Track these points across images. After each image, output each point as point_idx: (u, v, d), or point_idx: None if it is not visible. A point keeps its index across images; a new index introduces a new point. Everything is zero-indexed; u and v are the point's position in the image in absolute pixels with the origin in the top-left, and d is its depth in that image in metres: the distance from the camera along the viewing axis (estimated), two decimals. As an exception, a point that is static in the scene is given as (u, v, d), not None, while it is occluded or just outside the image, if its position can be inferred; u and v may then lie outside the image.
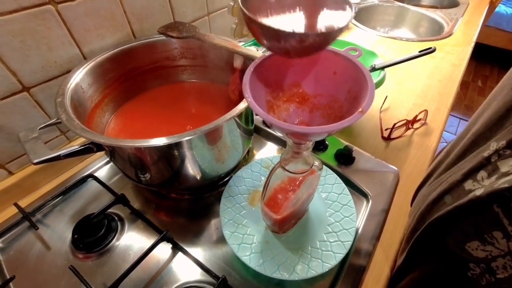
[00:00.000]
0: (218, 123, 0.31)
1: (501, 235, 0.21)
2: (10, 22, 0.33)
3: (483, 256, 0.23)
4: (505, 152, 0.22)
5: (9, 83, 0.36)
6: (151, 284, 0.35)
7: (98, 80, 0.42)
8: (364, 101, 0.19)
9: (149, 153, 0.33)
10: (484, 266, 0.23)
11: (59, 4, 0.37)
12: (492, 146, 0.23)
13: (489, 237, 0.22)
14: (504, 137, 0.23)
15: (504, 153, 0.22)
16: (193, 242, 0.39)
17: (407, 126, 0.55)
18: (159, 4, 0.49)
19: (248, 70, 0.23)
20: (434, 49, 0.44)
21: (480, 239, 0.23)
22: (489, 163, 0.23)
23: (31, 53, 0.37)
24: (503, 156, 0.22)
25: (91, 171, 0.47)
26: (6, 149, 0.40)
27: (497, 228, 0.22)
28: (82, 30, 0.41)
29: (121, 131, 0.44)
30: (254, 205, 0.40)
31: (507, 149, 0.22)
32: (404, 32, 1.15)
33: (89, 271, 0.35)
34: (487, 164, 0.23)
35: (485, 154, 0.24)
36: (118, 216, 0.41)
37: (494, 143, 0.23)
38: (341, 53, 0.23)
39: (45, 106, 0.41)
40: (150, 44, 0.47)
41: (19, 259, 0.37)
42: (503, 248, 0.21)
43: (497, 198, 0.21)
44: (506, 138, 0.22)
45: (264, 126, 0.54)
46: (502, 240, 0.21)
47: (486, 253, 0.23)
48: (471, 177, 0.25)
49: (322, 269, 0.33)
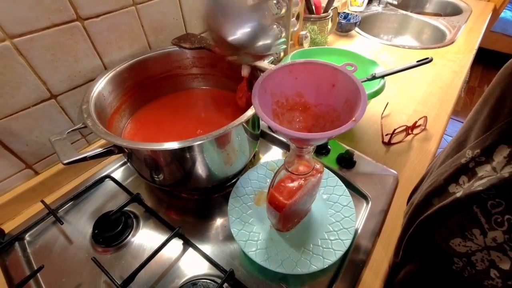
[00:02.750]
0: (228, 128, 0.34)
1: (479, 231, 0.24)
2: (43, 38, 0.37)
3: (464, 251, 0.26)
4: (480, 159, 0.25)
5: (39, 91, 0.40)
6: (164, 277, 0.38)
7: (117, 88, 0.46)
8: (358, 111, 0.22)
9: (164, 155, 0.37)
10: (465, 260, 0.26)
11: (85, 20, 0.41)
12: (468, 153, 0.26)
13: (469, 234, 0.25)
14: (478, 145, 0.25)
15: (480, 160, 0.25)
16: (202, 239, 0.41)
17: (407, 132, 0.57)
18: (173, 18, 0.53)
19: (256, 83, 0.26)
20: (431, 59, 0.47)
21: (462, 236, 0.26)
22: (468, 169, 0.26)
23: (60, 64, 0.41)
24: (479, 162, 0.25)
25: (108, 172, 0.51)
26: (34, 150, 0.44)
27: (476, 226, 0.24)
28: (104, 43, 0.44)
29: (136, 134, 0.48)
30: (260, 205, 0.43)
31: (482, 156, 0.25)
32: (407, 39, 1.17)
33: (108, 264, 0.38)
34: (467, 170, 0.26)
35: (462, 161, 0.27)
36: (133, 214, 0.45)
37: (469, 151, 0.26)
38: (339, 69, 0.26)
39: (69, 112, 0.45)
40: (164, 55, 0.51)
41: (44, 251, 0.40)
42: (481, 243, 0.24)
43: (475, 199, 0.24)
44: (480, 147, 0.25)
45: (270, 131, 0.57)
46: (480, 237, 0.24)
47: (467, 248, 0.25)
48: (454, 181, 0.28)
49: (323, 264, 0.35)
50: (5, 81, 0.37)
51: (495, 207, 0.23)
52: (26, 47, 0.37)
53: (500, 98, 0.25)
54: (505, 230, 0.22)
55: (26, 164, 0.44)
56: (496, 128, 0.24)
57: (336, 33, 0.98)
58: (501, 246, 0.23)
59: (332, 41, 0.94)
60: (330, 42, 0.93)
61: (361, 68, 0.57)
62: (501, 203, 0.22)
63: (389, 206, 0.45)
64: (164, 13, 0.51)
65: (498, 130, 0.24)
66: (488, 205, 0.23)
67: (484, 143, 0.25)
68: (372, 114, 0.63)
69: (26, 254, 0.40)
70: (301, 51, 0.64)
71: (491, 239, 0.23)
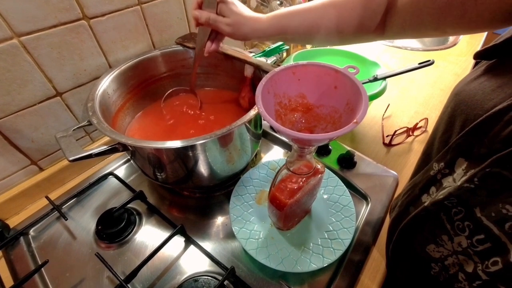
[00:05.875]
0: (231, 128, 0.35)
1: (447, 237, 0.26)
2: (50, 36, 0.38)
3: (438, 256, 0.27)
4: (445, 171, 0.27)
5: (45, 89, 0.41)
6: (166, 273, 0.38)
7: (121, 87, 0.46)
8: (359, 113, 0.23)
9: (167, 153, 0.37)
10: (440, 264, 0.27)
11: (91, 19, 0.41)
12: (434, 166, 0.28)
13: (440, 240, 0.27)
14: (442, 159, 0.27)
15: (445, 172, 0.27)
16: (204, 236, 0.42)
17: (407, 133, 0.58)
18: (177, 17, 0.53)
19: (260, 84, 0.26)
20: (433, 61, 0.47)
21: (434, 242, 0.27)
22: (436, 181, 0.28)
23: (66, 63, 0.41)
24: (444, 174, 0.27)
25: (111, 169, 0.51)
26: (39, 147, 0.44)
27: (444, 232, 0.26)
28: (109, 42, 0.45)
29: (140, 133, 0.49)
30: (261, 204, 0.43)
31: (446, 168, 0.26)
32: (409, 41, 1.17)
33: (111, 260, 0.39)
34: (436, 181, 0.28)
35: (431, 173, 0.28)
36: (136, 210, 0.45)
37: (436, 164, 0.28)
38: (341, 71, 0.26)
39: (74, 109, 0.46)
40: (168, 54, 0.52)
41: (49, 246, 0.41)
42: (450, 248, 0.26)
43: (441, 207, 0.26)
44: (444, 160, 0.27)
45: (271, 131, 0.57)
46: (448, 242, 0.26)
47: (440, 253, 0.27)
48: (426, 191, 0.29)
49: (323, 263, 0.36)
50: (12, 78, 0.37)
51: (457, 214, 0.25)
52: (33, 45, 0.37)
53: (451, 116, 0.27)
54: (467, 235, 0.24)
55: (31, 160, 0.45)
56: (453, 143, 0.25)
57: (339, 34, 0.99)
58: (465, 251, 0.24)
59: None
60: (332, 42, 0.93)
61: (363, 69, 0.58)
62: (461, 210, 0.24)
63: (388, 207, 0.45)
64: (169, 13, 0.52)
65: (454, 145, 0.25)
66: (452, 212, 0.25)
67: (445, 157, 0.26)
68: (373, 115, 0.64)
69: (31, 249, 0.41)
70: (304, 52, 0.64)
71: (457, 244, 0.25)
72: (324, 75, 0.27)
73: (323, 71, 0.27)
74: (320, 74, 0.27)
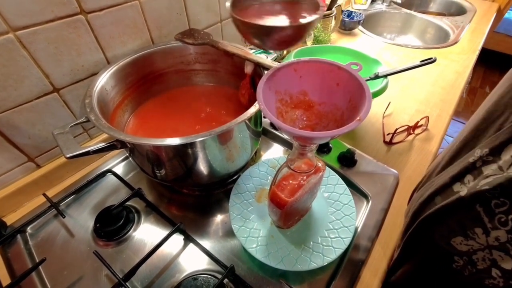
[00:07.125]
0: (231, 125, 0.34)
1: (482, 231, 0.24)
2: (47, 31, 0.37)
3: (466, 250, 0.26)
4: (488, 158, 0.25)
5: (42, 85, 0.40)
6: (165, 271, 0.38)
7: (120, 83, 0.46)
8: (362, 110, 0.22)
9: (166, 151, 0.37)
10: (466, 258, 0.26)
11: (88, 14, 0.40)
12: (476, 152, 0.26)
13: (471, 233, 0.25)
14: (487, 145, 0.25)
15: (487, 159, 0.25)
16: (203, 234, 0.42)
17: (408, 132, 0.57)
18: (176, 12, 0.53)
19: (261, 80, 0.26)
20: (435, 59, 0.47)
21: (463, 235, 0.26)
22: (474, 168, 0.26)
23: (63, 58, 0.41)
24: (486, 162, 0.25)
25: (109, 166, 0.51)
26: (37, 144, 0.44)
27: (478, 225, 0.24)
28: (107, 37, 0.44)
29: (139, 129, 0.48)
30: (261, 202, 0.43)
31: (490, 155, 0.25)
32: (411, 38, 1.17)
33: (109, 258, 0.38)
34: (473, 169, 0.26)
35: (470, 160, 0.26)
36: (135, 208, 0.45)
37: (478, 150, 0.26)
38: (343, 67, 0.26)
39: (72, 106, 0.45)
40: (167, 50, 0.51)
41: (46, 244, 0.40)
42: (483, 242, 0.24)
43: (479, 198, 0.24)
44: (489, 146, 0.25)
45: (272, 129, 0.57)
46: (482, 236, 0.24)
47: (468, 247, 0.26)
48: (459, 180, 0.27)
49: (323, 262, 0.36)
50: (8, 74, 0.36)
51: (499, 206, 0.23)
52: (29, 40, 0.36)
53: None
54: (508, 229, 0.22)
55: (28, 157, 0.44)
56: (508, 127, 0.23)
57: (339, 31, 0.98)
58: (504, 246, 0.23)
59: (335, 39, 0.94)
60: (333, 40, 0.92)
61: (364, 67, 0.57)
62: (505, 202, 0.22)
63: (389, 206, 0.45)
64: (168, 8, 0.51)
65: (509, 130, 0.23)
66: (492, 204, 0.23)
67: (494, 142, 0.24)
68: (374, 113, 0.63)
69: (28, 246, 0.40)
70: (304, 49, 0.63)
71: (494, 238, 0.24)
72: (326, 71, 0.27)
73: (326, 67, 0.26)
74: (323, 71, 0.27)
